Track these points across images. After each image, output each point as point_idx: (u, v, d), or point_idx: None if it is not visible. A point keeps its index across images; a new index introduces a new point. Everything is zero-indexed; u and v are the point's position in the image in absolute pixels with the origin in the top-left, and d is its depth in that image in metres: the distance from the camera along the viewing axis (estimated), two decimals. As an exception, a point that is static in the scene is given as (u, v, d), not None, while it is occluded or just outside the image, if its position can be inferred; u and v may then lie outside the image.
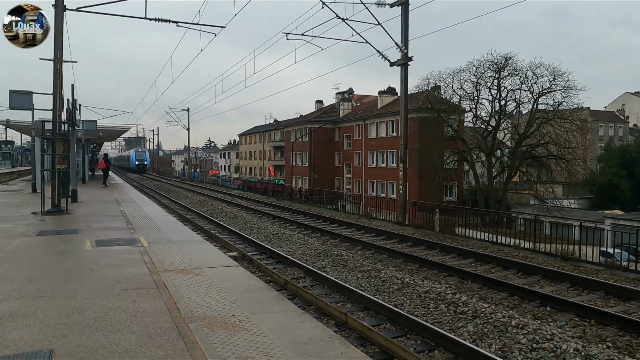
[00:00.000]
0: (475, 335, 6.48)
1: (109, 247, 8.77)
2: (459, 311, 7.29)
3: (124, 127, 37.08)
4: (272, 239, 14.31)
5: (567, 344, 5.83)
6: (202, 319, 4.88)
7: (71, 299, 5.50)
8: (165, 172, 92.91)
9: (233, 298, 5.67)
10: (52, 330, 4.49)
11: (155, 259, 7.77)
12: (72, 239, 9.77)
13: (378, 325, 6.85)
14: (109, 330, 4.50)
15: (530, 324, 6.47)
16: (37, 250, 8.40)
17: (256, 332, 4.57)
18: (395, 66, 19.51)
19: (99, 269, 7.01)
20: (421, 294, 8.22)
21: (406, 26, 19.13)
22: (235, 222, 18.13)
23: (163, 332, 4.50)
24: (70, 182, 16.41)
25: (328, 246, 12.62)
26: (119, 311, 5.08)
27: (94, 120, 23.89)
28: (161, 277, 6.55)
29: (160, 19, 15.66)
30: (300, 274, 9.90)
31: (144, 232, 10.52)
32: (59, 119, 14.61)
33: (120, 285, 6.14)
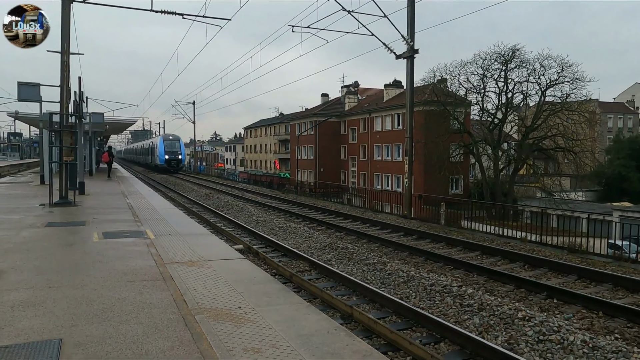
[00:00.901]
0: (482, 327, 6.48)
1: (116, 239, 8.83)
2: (464, 304, 7.28)
3: (130, 120, 37.23)
4: (277, 232, 14.34)
5: (575, 335, 5.81)
6: (208, 311, 4.91)
7: (79, 290, 5.54)
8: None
9: (239, 290, 5.69)
10: (61, 320, 4.54)
11: (162, 251, 7.82)
12: (79, 230, 9.84)
13: (384, 318, 6.86)
14: (117, 321, 4.54)
15: (537, 316, 6.45)
16: (46, 242, 8.46)
17: (262, 324, 4.59)
18: (401, 59, 19.38)
19: (106, 260, 7.06)
20: (427, 286, 8.22)
21: (412, 18, 18.98)
22: (240, 215, 18.18)
23: (170, 323, 4.53)
24: (78, 174, 16.50)
25: (333, 239, 12.62)
26: (126, 302, 5.11)
27: (101, 113, 24.01)
28: (167, 269, 6.59)
29: (167, 11, 15.65)
30: (305, 267, 9.92)
31: (150, 225, 10.57)
32: (66, 111, 14.68)
33: (127, 276, 6.18)
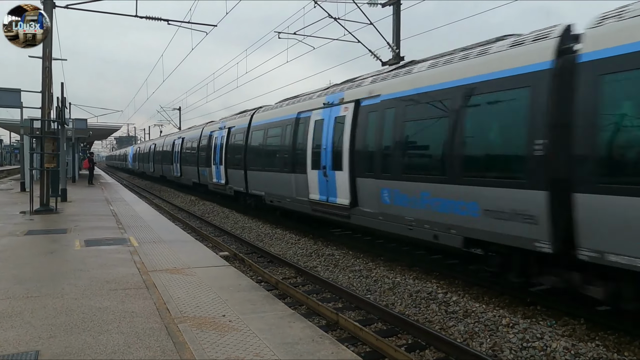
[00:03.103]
0: (466, 334, 6.49)
1: (98, 246, 8.70)
2: (450, 310, 7.30)
3: (114, 126, 36.90)
4: (263, 238, 14.26)
5: (557, 342, 5.86)
6: (191, 319, 4.84)
7: (59, 299, 5.43)
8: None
9: (223, 298, 5.63)
10: (38, 331, 4.44)
11: (145, 258, 7.72)
12: (60, 238, 9.67)
13: (369, 325, 6.84)
14: (97, 331, 4.45)
15: (520, 322, 6.50)
16: (25, 250, 8.30)
17: (246, 332, 4.54)
18: (387, 66, 19.53)
19: (88, 268, 6.95)
20: (412, 293, 8.23)
21: (398, 26, 19.14)
22: (226, 221, 18.05)
23: (152, 332, 4.46)
24: (60, 181, 16.27)
25: (319, 246, 12.59)
26: (107, 311, 5.02)
27: (84, 119, 23.75)
28: (151, 277, 6.50)
29: (152, 17, 15.58)
30: (291, 274, 9.87)
31: (134, 232, 10.44)
32: (48, 117, 14.48)
33: (109, 285, 6.08)
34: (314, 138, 12.47)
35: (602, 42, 5.99)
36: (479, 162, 7.81)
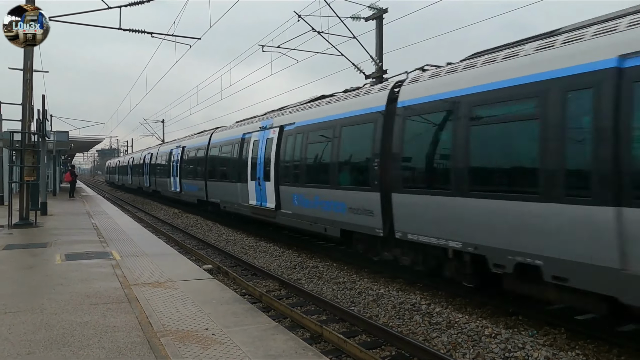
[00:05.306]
0: (450, 345, 6.54)
1: (80, 260, 8.57)
2: (433, 322, 7.35)
3: (97, 139, 36.52)
4: (247, 251, 14.19)
5: (539, 352, 5.94)
6: (174, 333, 4.81)
7: (38, 315, 5.34)
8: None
9: (207, 311, 5.60)
10: (16, 348, 4.36)
11: (127, 272, 7.63)
12: (40, 252, 9.51)
13: (353, 337, 6.85)
14: (77, 347, 4.39)
15: (502, 333, 6.57)
16: (3, 265, 8.15)
17: (229, 345, 4.52)
18: (370, 79, 19.74)
19: (68, 283, 6.84)
20: (396, 304, 8.26)
21: (381, 40, 19.41)
22: (210, 234, 17.93)
23: (134, 347, 4.41)
24: (40, 194, 16.00)
25: (304, 258, 12.58)
26: (88, 326, 4.96)
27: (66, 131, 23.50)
28: (133, 291, 6.43)
29: (135, 29, 15.53)
30: (275, 286, 9.84)
31: (116, 245, 10.32)
32: (28, 129, 14.29)
33: (90, 299, 6.00)
34: (252, 155, 15.49)
35: (406, 95, 9.06)
36: (346, 172, 10.92)
